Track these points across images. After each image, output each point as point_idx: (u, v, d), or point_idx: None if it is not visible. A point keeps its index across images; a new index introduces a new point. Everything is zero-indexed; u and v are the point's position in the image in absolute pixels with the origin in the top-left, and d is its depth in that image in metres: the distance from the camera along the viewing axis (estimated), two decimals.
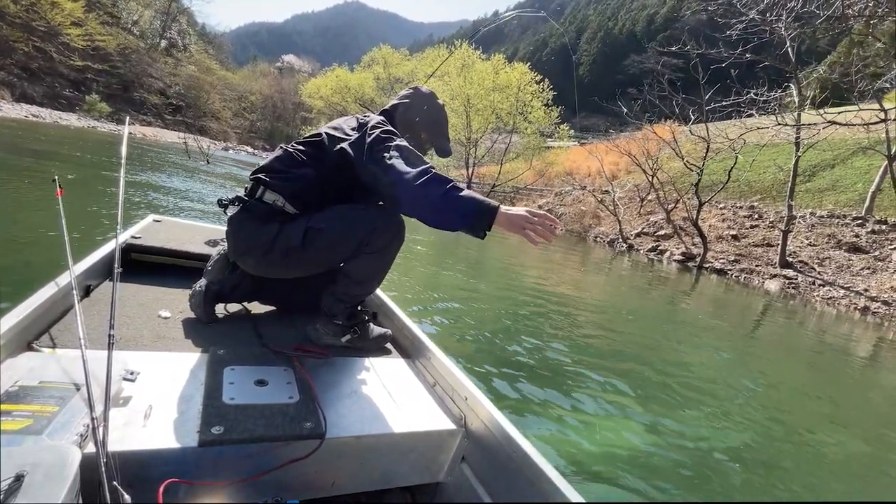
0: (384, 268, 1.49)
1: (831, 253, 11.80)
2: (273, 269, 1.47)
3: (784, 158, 17.48)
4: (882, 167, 12.13)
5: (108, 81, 39.22)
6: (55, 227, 3.84)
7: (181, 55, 55.50)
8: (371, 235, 1.38)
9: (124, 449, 0.86)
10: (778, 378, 4.20)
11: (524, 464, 1.03)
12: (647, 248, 14.45)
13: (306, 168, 1.43)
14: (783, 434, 2.84)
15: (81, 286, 1.46)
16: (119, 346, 1.22)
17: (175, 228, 2.38)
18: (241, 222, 1.43)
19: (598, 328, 4.64)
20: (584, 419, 2.44)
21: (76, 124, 27.00)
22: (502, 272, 6.98)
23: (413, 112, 1.59)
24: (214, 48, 66.35)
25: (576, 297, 6.36)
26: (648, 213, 17.24)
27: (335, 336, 1.54)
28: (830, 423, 3.27)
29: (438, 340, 2.98)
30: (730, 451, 2.42)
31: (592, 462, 2.02)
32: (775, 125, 9.86)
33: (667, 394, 3.07)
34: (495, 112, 21.27)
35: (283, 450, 1.00)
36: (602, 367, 3.33)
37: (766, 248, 12.74)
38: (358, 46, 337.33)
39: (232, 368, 1.22)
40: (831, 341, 6.56)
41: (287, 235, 1.37)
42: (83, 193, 6.08)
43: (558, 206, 21.48)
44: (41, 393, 0.88)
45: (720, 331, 5.99)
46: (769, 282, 11.30)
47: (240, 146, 48.59)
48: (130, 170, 10.08)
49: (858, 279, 10.73)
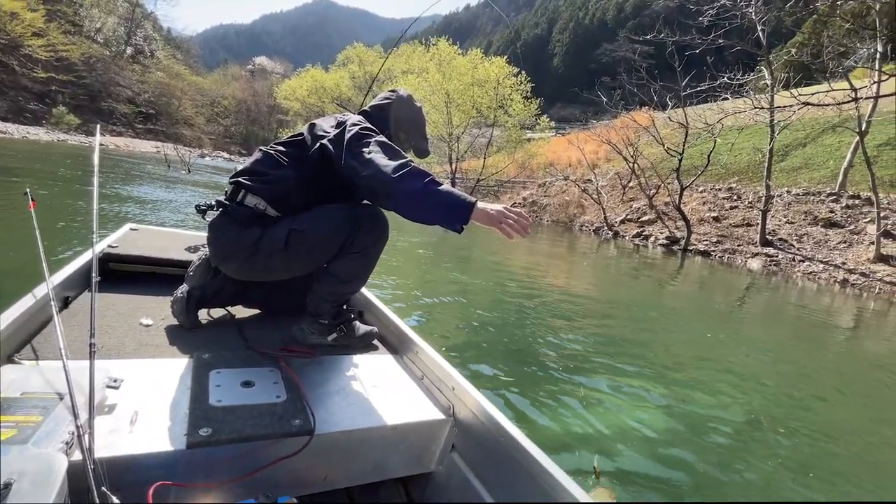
0: (369, 266, 1.49)
1: (808, 229, 12.19)
2: (257, 273, 1.46)
3: (759, 140, 17.93)
4: (853, 144, 12.56)
5: (74, 92, 37.99)
6: (30, 241, 3.80)
7: (149, 62, 54.02)
8: (355, 235, 1.38)
9: (111, 455, 0.86)
10: (772, 351, 4.36)
11: (512, 448, 1.06)
12: (633, 234, 14.71)
13: (288, 169, 1.41)
14: (783, 401, 2.96)
15: (59, 298, 1.45)
16: (101, 355, 1.22)
17: (153, 236, 2.34)
18: (223, 227, 1.42)
19: (587, 314, 4.72)
20: (573, 402, 2.48)
21: (45, 138, 26.16)
22: (490, 264, 7.05)
23: (392, 112, 1.58)
24: (183, 53, 64.75)
25: (564, 285, 6.46)
26: (631, 199, 17.51)
27: (321, 335, 1.54)
28: (835, 390, 3.42)
29: (426, 335, 3.03)
30: (718, 430, 2.51)
31: (581, 444, 2.06)
32: (752, 109, 10.10)
33: (657, 374, 3.14)
34: (476, 106, 21.31)
35: (272, 448, 1.01)
36: (591, 352, 3.40)
37: (747, 227, 13.09)
38: (330, 45, 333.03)
39: (218, 371, 1.22)
40: (818, 313, 6.81)
41: (270, 238, 1.36)
42: (57, 206, 5.96)
43: (542, 197, 21.64)
44: (24, 404, 0.87)
45: (709, 310, 6.16)
46: (751, 260, 11.62)
47: (216, 152, 47.64)
48: (107, 183, 9.83)
49: (836, 253, 11.11)
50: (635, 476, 1.85)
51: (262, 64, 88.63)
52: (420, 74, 23.22)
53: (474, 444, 1.19)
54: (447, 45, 21.62)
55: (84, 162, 13.98)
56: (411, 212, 1.22)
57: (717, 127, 12.36)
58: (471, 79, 20.60)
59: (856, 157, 12.93)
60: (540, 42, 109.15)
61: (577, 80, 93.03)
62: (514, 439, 1.05)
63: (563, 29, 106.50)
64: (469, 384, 1.25)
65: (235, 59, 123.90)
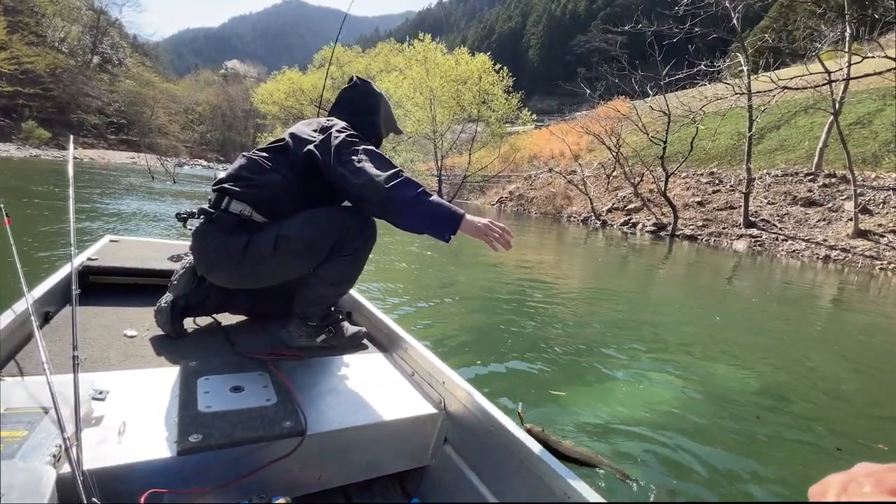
0: (358, 269, 1.49)
1: (789, 209, 12.60)
2: (246, 281, 1.45)
3: (736, 124, 18.41)
4: (827, 124, 12.99)
5: (41, 105, 36.81)
6: (5, 256, 3.75)
7: (117, 70, 52.60)
8: (344, 238, 1.38)
9: (100, 466, 0.85)
10: (765, 324, 4.55)
11: (503, 437, 1.08)
12: (620, 222, 14.98)
13: (273, 174, 1.39)
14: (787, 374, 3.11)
15: (40, 313, 1.43)
16: (85, 367, 1.21)
17: (134, 247, 2.31)
18: (208, 235, 1.39)
19: (581, 303, 4.79)
20: (563, 389, 2.50)
21: (17, 154, 25.31)
22: (480, 259, 7.09)
23: (356, 108, 1.60)
24: (152, 60, 63.20)
25: (556, 275, 6.58)
26: (616, 188, 17.82)
27: (310, 337, 1.53)
28: (836, 356, 3.59)
29: (416, 331, 3.13)
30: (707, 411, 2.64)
31: (571, 429, 2.09)
32: (733, 94, 10.39)
33: (654, 360, 3.16)
34: (459, 103, 21.36)
35: (264, 451, 1.01)
36: (586, 339, 3.42)
37: (730, 210, 13.46)
38: (303, 46, 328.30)
39: (206, 378, 1.21)
40: (809, 288, 7.10)
41: (257, 245, 1.34)
42: (36, 222, 5.84)
43: (528, 190, 21.87)
44: (8, 419, 0.86)
45: (706, 291, 6.37)
46: (737, 242, 11.97)
47: (193, 160, 46.74)
48: (89, 198, 9.61)
49: (816, 230, 11.52)
50: (631, 460, 1.88)
51: (234, 68, 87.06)
52: (402, 72, 23.13)
53: (466, 435, 1.21)
54: (429, 43, 21.56)
55: (59, 177, 13.61)
56: (402, 221, 1.27)
57: (699, 114, 12.65)
58: (454, 75, 20.62)
59: (830, 137, 13.39)
60: (514, 36, 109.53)
61: (554, 73, 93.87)
62: (504, 429, 1.07)
63: (536, 22, 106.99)
64: (459, 377, 1.27)
65: (206, 63, 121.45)
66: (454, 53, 21.84)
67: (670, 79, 13.26)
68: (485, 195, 25.53)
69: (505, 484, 1.09)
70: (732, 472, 1.88)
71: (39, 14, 42.89)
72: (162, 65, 68.69)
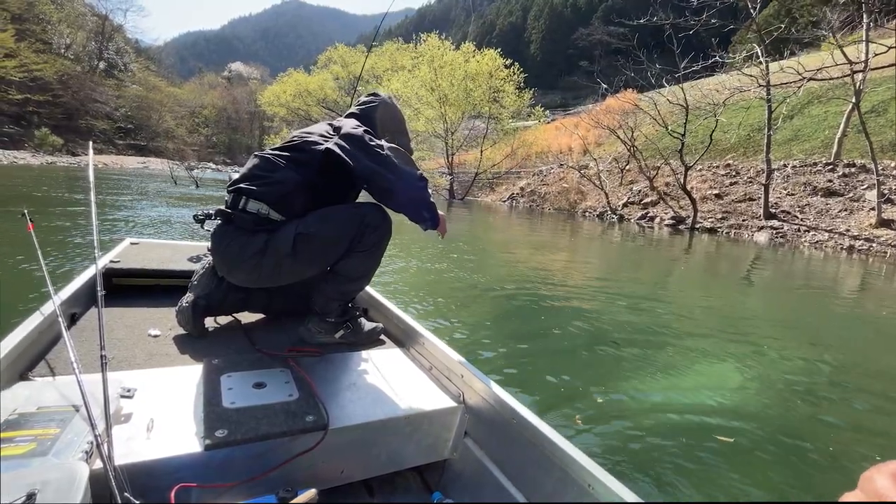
0: (375, 264, 1.52)
1: (809, 199, 12.57)
2: (265, 280, 1.46)
3: (747, 115, 18.33)
4: (846, 113, 12.92)
5: (50, 112, 37.11)
6: (29, 262, 3.83)
7: (123, 75, 52.87)
8: (362, 234, 1.41)
9: (130, 461, 0.87)
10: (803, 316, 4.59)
11: (525, 428, 1.08)
12: (637, 216, 14.98)
13: (287, 171, 1.42)
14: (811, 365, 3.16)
15: (66, 314, 1.47)
16: (112, 367, 1.24)
17: (154, 249, 2.35)
18: (226, 236, 1.42)
19: (605, 297, 4.75)
20: (585, 382, 2.50)
21: (34, 162, 25.55)
22: (499, 254, 7.10)
23: (378, 116, 1.66)
24: (156, 64, 63.46)
25: (577, 270, 6.58)
26: (630, 182, 17.79)
27: (328, 334, 1.56)
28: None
29: (433, 326, 3.17)
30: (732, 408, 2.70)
31: (593, 425, 2.08)
32: (757, 86, 10.36)
33: (687, 356, 3.13)
34: (470, 101, 21.35)
35: (288, 445, 1.03)
36: (606, 334, 3.39)
37: (749, 202, 13.44)
38: (303, 46, 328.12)
39: (229, 375, 1.24)
40: (837, 279, 7.12)
41: (276, 245, 1.37)
42: (57, 227, 5.95)
43: (540, 186, 21.80)
44: (41, 418, 0.88)
45: (732, 282, 6.39)
46: (757, 234, 11.96)
47: (202, 163, 46.96)
48: (117, 202, 9.75)
49: (838, 220, 11.50)
50: (655, 463, 1.83)
51: (237, 70, 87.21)
52: (410, 71, 23.11)
53: (487, 428, 1.22)
54: (437, 40, 21.51)
55: (80, 182, 13.78)
56: (418, 214, 1.43)
57: (719, 106, 12.63)
58: (463, 73, 20.60)
59: (848, 126, 13.33)
60: (515, 30, 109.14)
61: (556, 66, 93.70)
62: (526, 421, 1.07)
63: (537, 16, 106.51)
64: (478, 371, 1.28)
65: (208, 66, 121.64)
66: (461, 49, 21.77)
67: (686, 71, 13.22)
68: (494, 192, 25.41)
69: (528, 476, 1.08)
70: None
71: (45, 21, 43.13)
72: (166, 69, 68.94)
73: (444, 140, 21.92)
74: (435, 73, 20.48)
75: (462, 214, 15.37)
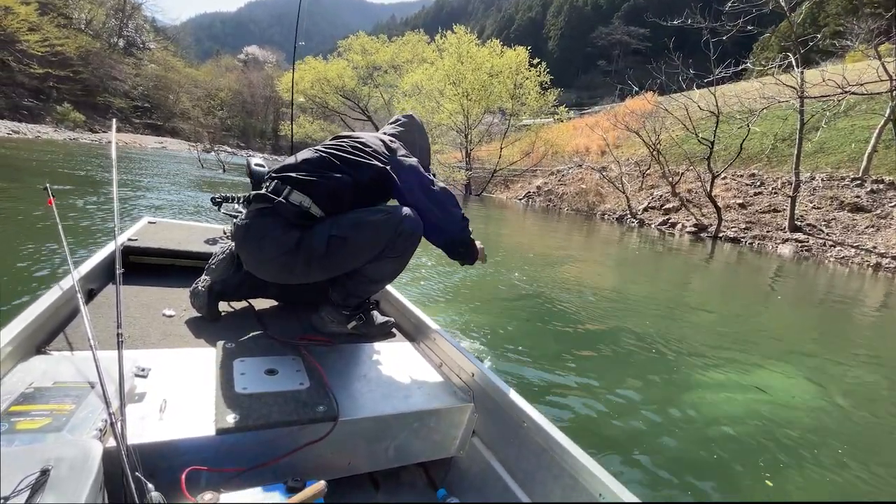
0: (400, 268, 1.54)
1: (836, 214, 12.45)
2: (295, 278, 1.46)
3: (771, 125, 18.11)
4: (878, 128, 12.74)
5: (70, 88, 37.23)
6: (49, 236, 3.87)
7: (141, 54, 52.91)
8: (394, 241, 1.41)
9: (143, 441, 0.88)
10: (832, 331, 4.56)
11: (536, 432, 1.07)
12: (658, 221, 14.89)
13: (342, 173, 1.44)
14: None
15: (84, 290, 1.47)
16: (128, 345, 1.24)
17: (171, 229, 2.36)
18: (258, 230, 1.40)
19: (625, 304, 4.76)
20: (598, 389, 2.49)
21: (56, 137, 25.72)
22: (516, 255, 7.07)
23: (410, 137, 1.73)
24: (174, 44, 63.43)
25: (596, 275, 6.59)
26: (651, 186, 17.68)
27: (340, 324, 1.57)
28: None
29: (445, 322, 3.18)
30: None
31: (607, 429, 2.09)
32: (795, 98, 10.22)
33: (705, 364, 3.13)
34: (492, 97, 21.22)
35: (298, 434, 1.04)
36: (623, 340, 3.38)
37: (774, 213, 13.33)
38: (319, 32, 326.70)
39: (241, 360, 1.25)
40: (869, 297, 7.07)
41: (310, 244, 1.36)
42: (77, 203, 6.03)
43: (558, 185, 21.71)
44: (56, 393, 0.89)
45: (759, 295, 6.37)
46: (782, 246, 11.88)
47: (217, 146, 47.12)
48: (150, 185, 9.83)
49: (865, 237, 11.39)
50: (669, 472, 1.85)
51: (253, 53, 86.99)
52: (433, 63, 22.96)
53: (496, 429, 1.22)
54: (465, 34, 21.32)
55: (102, 159, 13.87)
56: (456, 253, 1.54)
57: (752, 114, 12.49)
58: (489, 68, 20.44)
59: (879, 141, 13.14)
60: (534, 26, 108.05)
61: (573, 65, 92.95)
62: (537, 425, 1.07)
63: (557, 12, 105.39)
64: (489, 370, 1.28)
65: (223, 48, 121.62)
66: (488, 44, 21.60)
67: (718, 76, 13.07)
68: (509, 189, 25.30)
69: (536, 480, 1.07)
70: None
71: None
72: (183, 49, 68.93)
73: (465, 134, 21.82)
74: (461, 65, 20.27)
75: (478, 211, 15.34)
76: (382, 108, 34.72)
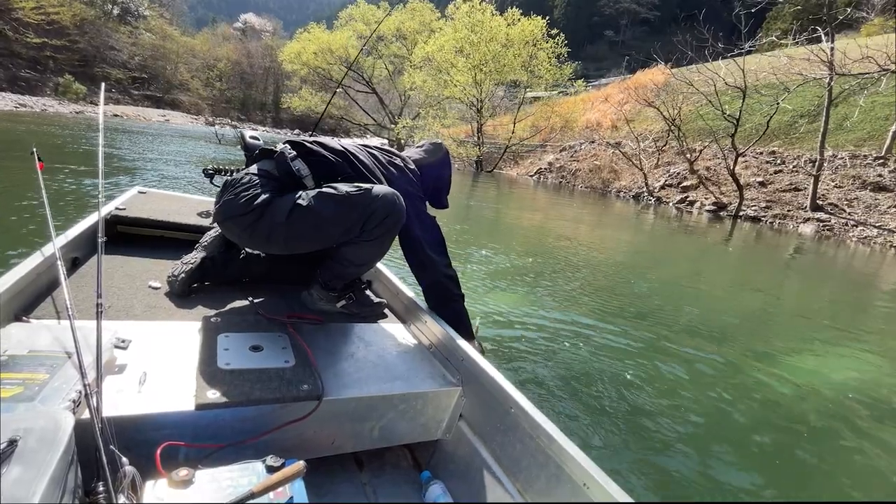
0: (382, 251, 1.50)
1: (858, 193, 12.36)
2: (255, 241, 1.42)
3: (790, 101, 17.77)
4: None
5: (68, 58, 36.35)
6: (38, 202, 3.78)
7: (137, 22, 51.36)
8: (366, 222, 1.34)
9: (119, 414, 0.86)
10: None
11: (523, 419, 1.06)
12: (676, 200, 14.79)
13: (348, 168, 1.45)
14: None
15: (67, 258, 1.45)
16: (109, 315, 1.22)
17: (162, 200, 2.29)
18: (240, 185, 1.36)
19: (642, 284, 4.71)
20: (596, 374, 2.47)
21: (61, 110, 25.27)
22: (530, 233, 7.03)
23: (435, 169, 1.81)
24: (169, 11, 61.46)
25: (615, 254, 6.58)
26: (667, 163, 17.47)
27: (330, 302, 1.55)
28: None
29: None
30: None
31: (594, 417, 2.07)
32: (830, 73, 9.98)
33: (725, 354, 3.05)
34: (505, 69, 20.72)
35: (280, 412, 1.02)
36: (658, 331, 3.30)
37: (794, 192, 13.23)
38: (317, 0, 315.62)
39: (226, 335, 1.22)
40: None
41: (273, 210, 1.32)
42: (71, 171, 5.96)
43: (570, 162, 21.42)
44: (31, 362, 0.86)
45: (776, 276, 6.39)
46: (803, 225, 11.86)
47: (218, 119, 46.30)
48: (187, 165, 9.72)
49: (887, 217, 11.36)
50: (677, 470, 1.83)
51: (250, 22, 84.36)
52: (445, 32, 22.30)
53: (483, 414, 1.21)
54: (479, 3, 20.60)
55: (111, 132, 13.67)
56: (434, 300, 1.61)
57: (781, 89, 12.23)
58: (504, 39, 19.84)
59: None
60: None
61: (579, 34, 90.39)
62: (524, 412, 1.05)
63: None
64: (478, 355, 1.26)
65: (218, 16, 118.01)
66: (505, 15, 20.94)
67: (742, 50, 12.75)
68: (518, 165, 24.94)
69: (521, 467, 1.07)
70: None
71: None
72: (179, 16, 66.82)
73: (476, 108, 21.40)
74: (473, 34, 19.65)
75: (489, 190, 15.21)
76: (386, 80, 33.99)
